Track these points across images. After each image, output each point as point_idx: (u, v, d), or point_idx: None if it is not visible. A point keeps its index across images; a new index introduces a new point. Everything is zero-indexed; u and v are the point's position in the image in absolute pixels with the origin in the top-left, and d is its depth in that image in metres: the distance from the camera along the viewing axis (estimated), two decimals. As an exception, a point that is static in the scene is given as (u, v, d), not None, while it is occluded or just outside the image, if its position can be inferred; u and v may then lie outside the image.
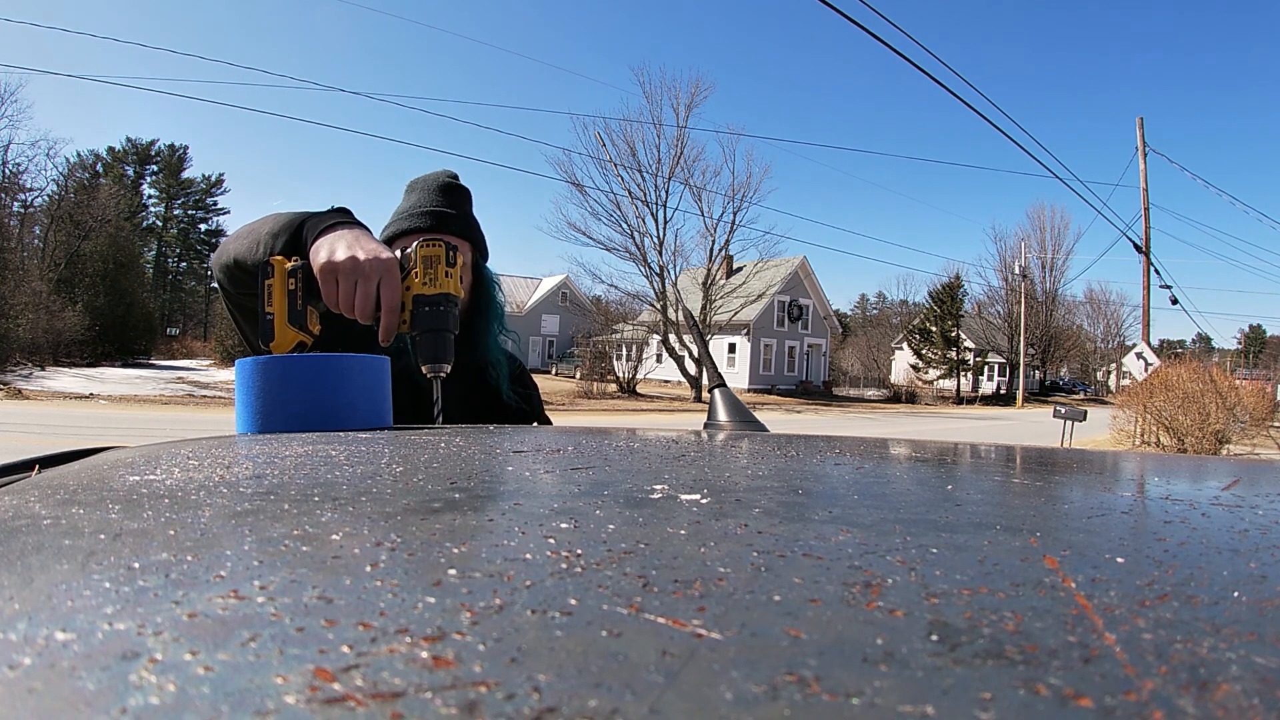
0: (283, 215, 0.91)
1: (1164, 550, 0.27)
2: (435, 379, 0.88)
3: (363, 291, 0.80)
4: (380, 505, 0.32)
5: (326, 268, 0.80)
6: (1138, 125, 15.46)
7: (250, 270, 0.87)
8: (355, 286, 0.80)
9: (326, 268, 0.80)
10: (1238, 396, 10.89)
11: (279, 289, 0.82)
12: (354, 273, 0.79)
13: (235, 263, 0.90)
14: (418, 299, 0.85)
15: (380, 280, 0.80)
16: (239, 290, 0.94)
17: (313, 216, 0.88)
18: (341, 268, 0.79)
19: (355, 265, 0.79)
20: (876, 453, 0.57)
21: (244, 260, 0.89)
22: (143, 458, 0.49)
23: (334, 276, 0.80)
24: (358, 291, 0.80)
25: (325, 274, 0.80)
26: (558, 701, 0.15)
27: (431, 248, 0.86)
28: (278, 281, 0.82)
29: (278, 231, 0.87)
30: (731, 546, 0.26)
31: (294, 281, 0.82)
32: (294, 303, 0.82)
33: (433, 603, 0.20)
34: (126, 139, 51.74)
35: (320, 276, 0.81)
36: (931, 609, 0.20)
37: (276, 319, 0.81)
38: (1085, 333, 47.99)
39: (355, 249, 0.80)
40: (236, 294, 0.95)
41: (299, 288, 0.82)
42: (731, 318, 25.71)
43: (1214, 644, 0.18)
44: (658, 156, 24.75)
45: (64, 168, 34.76)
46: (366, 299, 0.80)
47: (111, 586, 0.21)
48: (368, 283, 0.80)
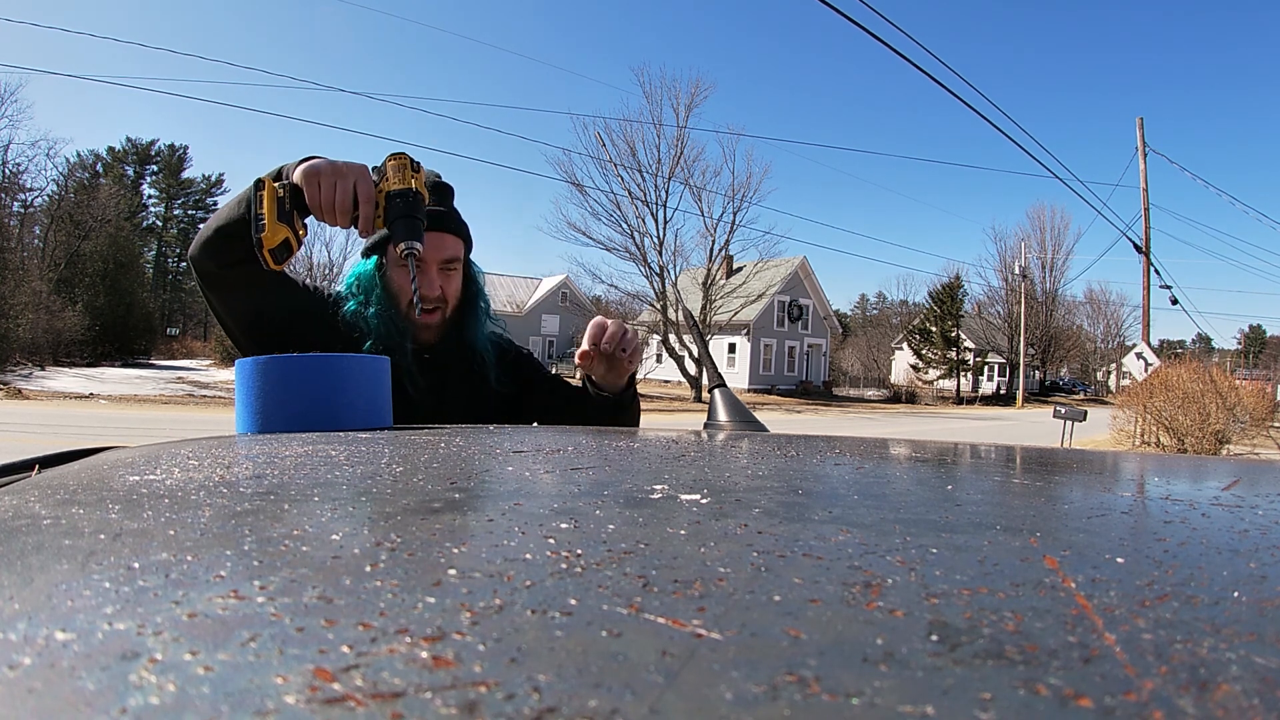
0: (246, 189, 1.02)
1: (1164, 550, 0.27)
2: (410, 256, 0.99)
3: (342, 188, 0.93)
4: (380, 505, 0.32)
5: (309, 172, 0.93)
6: (1138, 125, 15.46)
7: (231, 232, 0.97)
8: (335, 186, 0.93)
9: (309, 172, 0.93)
10: (1238, 396, 10.89)
11: (269, 197, 0.92)
12: (333, 174, 0.93)
13: (216, 231, 0.99)
14: (389, 194, 0.96)
15: (356, 179, 0.94)
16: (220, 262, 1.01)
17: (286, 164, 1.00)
18: (322, 170, 0.93)
19: (334, 168, 0.93)
20: (876, 453, 0.57)
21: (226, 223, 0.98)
22: (143, 458, 0.49)
23: (316, 179, 0.92)
24: (337, 189, 0.92)
25: (308, 177, 0.93)
26: (558, 701, 0.15)
27: (400, 158, 0.98)
28: (268, 193, 0.93)
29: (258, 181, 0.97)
30: (731, 546, 0.26)
31: (282, 190, 0.93)
32: (282, 206, 0.93)
33: (433, 603, 0.20)
34: (126, 139, 51.77)
35: (304, 180, 0.93)
36: (931, 609, 0.20)
37: (267, 216, 0.92)
38: (1085, 333, 47.98)
39: (332, 161, 0.95)
40: (218, 267, 1.02)
41: (286, 197, 0.93)
42: (731, 318, 25.70)
43: (1214, 644, 0.18)
44: (658, 156, 24.75)
45: (64, 168, 34.78)
46: (346, 194, 0.93)
47: (111, 586, 0.21)
48: (345, 181, 0.93)
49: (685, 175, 24.77)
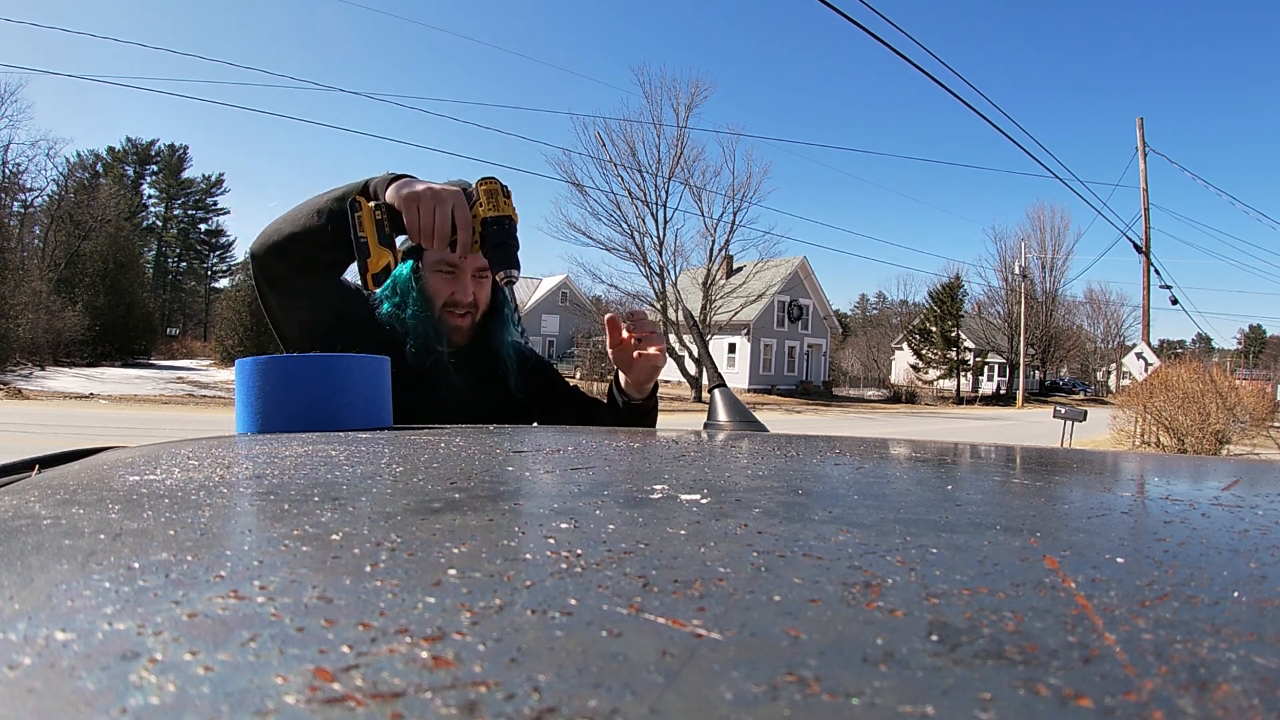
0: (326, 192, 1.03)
1: (1164, 550, 0.27)
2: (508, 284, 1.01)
3: (441, 214, 0.93)
4: (380, 505, 0.32)
5: (409, 197, 0.93)
6: (1138, 125, 15.46)
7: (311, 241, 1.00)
8: (434, 212, 0.94)
9: (409, 197, 0.93)
10: (1238, 396, 10.89)
11: (368, 219, 0.95)
12: (433, 200, 0.93)
13: (291, 238, 1.01)
14: (485, 221, 0.98)
15: (454, 205, 0.95)
16: (292, 267, 1.03)
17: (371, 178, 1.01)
18: (422, 196, 0.93)
19: (434, 194, 0.94)
20: (876, 453, 0.57)
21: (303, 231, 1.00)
22: (143, 458, 0.49)
23: (416, 204, 0.93)
24: (437, 215, 0.93)
25: (408, 202, 0.94)
26: (558, 701, 0.15)
27: (490, 183, 1.01)
28: (366, 214, 0.95)
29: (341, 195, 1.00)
30: (731, 546, 0.26)
31: (380, 213, 0.95)
32: (382, 229, 0.95)
33: (433, 603, 0.20)
34: (126, 139, 51.72)
35: (404, 205, 0.94)
36: (931, 609, 0.20)
37: (370, 241, 0.94)
38: (1085, 333, 47.96)
39: (430, 185, 0.96)
40: (289, 271, 1.04)
41: (384, 219, 0.96)
42: (731, 318, 25.69)
43: (1214, 644, 0.18)
44: (658, 156, 24.74)
45: (64, 168, 34.75)
46: (445, 221, 0.94)
47: (111, 586, 0.21)
48: (444, 207, 0.94)
49: (685, 175, 24.78)
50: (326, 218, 0.99)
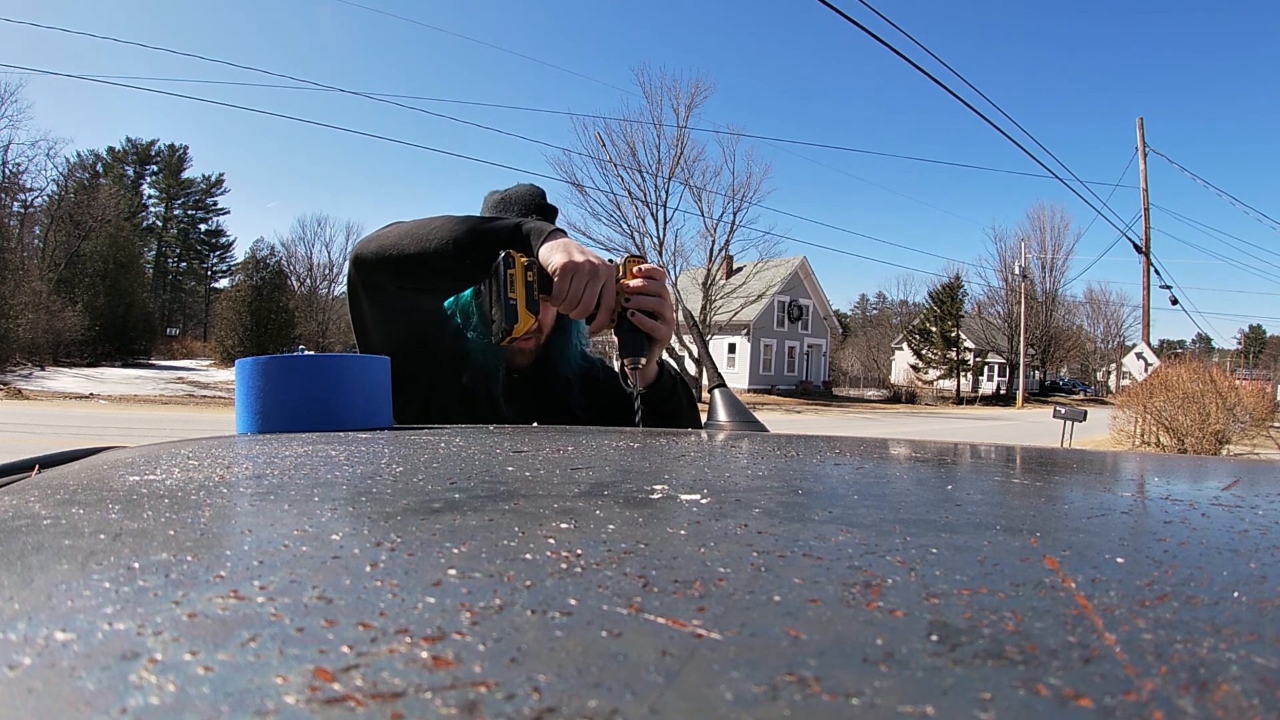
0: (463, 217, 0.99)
1: (1164, 550, 0.27)
2: (634, 371, 1.00)
3: (590, 291, 0.92)
4: (380, 505, 0.32)
5: (568, 268, 0.91)
6: (1138, 125, 15.46)
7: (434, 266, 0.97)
8: (585, 288, 0.92)
9: (568, 268, 0.91)
10: (1238, 396, 10.88)
11: (520, 279, 0.93)
12: (590, 276, 0.92)
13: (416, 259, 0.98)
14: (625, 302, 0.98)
15: (605, 284, 0.94)
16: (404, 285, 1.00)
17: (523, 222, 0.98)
18: (581, 269, 0.91)
19: (592, 270, 0.92)
20: (876, 453, 0.57)
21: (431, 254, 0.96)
22: (143, 458, 0.49)
23: (570, 276, 0.92)
24: (586, 291, 0.92)
25: (565, 273, 0.91)
26: (558, 701, 0.15)
27: (635, 259, 1.01)
28: (519, 273, 0.93)
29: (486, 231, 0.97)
30: (731, 547, 0.26)
31: (531, 274, 0.93)
32: (531, 292, 0.93)
33: (433, 603, 0.20)
34: (126, 139, 51.73)
35: (559, 274, 0.92)
36: (931, 609, 0.20)
37: (520, 304, 0.92)
38: (1085, 333, 47.95)
39: (588, 256, 0.93)
40: (396, 286, 1.01)
41: (535, 280, 0.94)
42: (731, 318, 25.70)
43: (1214, 644, 0.18)
44: (658, 157, 24.76)
45: (64, 168, 34.76)
46: (593, 298, 0.93)
47: (111, 586, 0.21)
48: (595, 284, 0.92)
49: (685, 175, 24.79)
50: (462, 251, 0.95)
